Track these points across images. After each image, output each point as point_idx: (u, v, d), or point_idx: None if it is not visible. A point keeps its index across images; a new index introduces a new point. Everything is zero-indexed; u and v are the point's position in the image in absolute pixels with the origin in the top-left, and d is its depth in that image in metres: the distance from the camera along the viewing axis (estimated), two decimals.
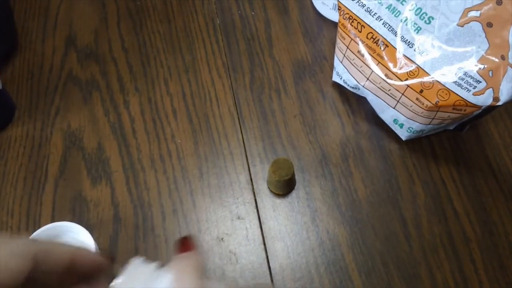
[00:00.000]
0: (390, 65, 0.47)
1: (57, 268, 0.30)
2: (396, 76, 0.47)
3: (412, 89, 0.46)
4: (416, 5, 0.46)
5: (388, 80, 0.48)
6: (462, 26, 0.44)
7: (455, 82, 0.44)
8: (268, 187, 0.49)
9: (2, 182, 0.50)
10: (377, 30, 0.48)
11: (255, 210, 0.48)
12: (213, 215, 0.48)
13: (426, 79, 0.45)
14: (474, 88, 0.43)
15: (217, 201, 0.49)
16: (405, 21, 0.47)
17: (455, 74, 0.44)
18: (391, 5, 0.47)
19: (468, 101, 0.44)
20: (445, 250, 0.46)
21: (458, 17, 0.44)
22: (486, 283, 0.44)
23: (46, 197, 0.49)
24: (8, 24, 0.59)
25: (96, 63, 0.58)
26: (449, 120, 0.47)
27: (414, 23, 0.46)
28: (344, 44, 0.51)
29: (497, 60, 0.42)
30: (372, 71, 0.49)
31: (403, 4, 0.47)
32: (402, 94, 0.47)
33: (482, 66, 0.43)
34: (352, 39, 0.50)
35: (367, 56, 0.49)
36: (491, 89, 0.43)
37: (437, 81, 0.45)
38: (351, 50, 0.50)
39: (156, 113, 0.54)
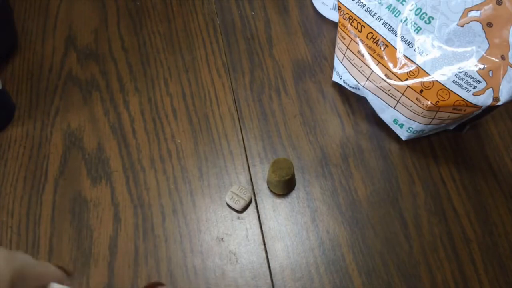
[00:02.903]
0: (390, 65, 0.47)
1: None
2: (396, 76, 0.47)
3: (412, 89, 0.46)
4: (416, 5, 0.46)
5: (388, 80, 0.48)
6: (462, 26, 0.44)
7: (455, 82, 0.44)
8: (268, 187, 0.49)
9: (2, 182, 0.50)
10: (377, 30, 0.48)
11: (255, 210, 0.48)
12: (213, 215, 0.48)
13: (426, 79, 0.45)
14: (474, 88, 0.43)
15: (217, 201, 0.49)
16: (405, 21, 0.47)
17: (455, 74, 0.44)
18: (391, 5, 0.47)
19: (468, 101, 0.44)
20: (445, 250, 0.46)
21: (458, 17, 0.44)
22: (486, 283, 0.44)
23: (46, 197, 0.49)
24: (7, 24, 0.58)
25: (96, 63, 0.58)
26: (449, 120, 0.47)
27: (414, 23, 0.46)
28: (344, 44, 0.51)
29: (497, 60, 0.42)
30: (372, 71, 0.49)
31: (403, 4, 0.47)
32: (402, 94, 0.47)
33: (482, 66, 0.43)
34: (352, 39, 0.50)
35: (367, 56, 0.49)
36: (491, 89, 0.43)
37: (437, 81, 0.45)
38: (351, 50, 0.50)
39: (156, 113, 0.54)
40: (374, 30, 0.48)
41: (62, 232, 0.47)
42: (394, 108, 0.49)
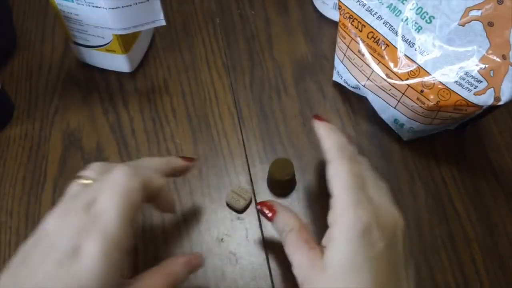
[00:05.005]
0: (391, 64, 0.47)
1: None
2: (397, 75, 0.47)
3: (413, 88, 0.46)
4: (417, 5, 0.46)
5: (389, 80, 0.47)
6: (463, 26, 0.44)
7: (456, 81, 0.44)
8: (268, 188, 0.49)
9: (1, 182, 0.50)
10: (377, 29, 0.48)
11: (255, 211, 0.48)
12: (213, 215, 0.48)
13: (427, 78, 0.45)
14: (475, 88, 0.43)
15: (217, 201, 0.49)
16: (405, 20, 0.47)
17: (456, 73, 0.44)
18: (391, 4, 0.47)
19: (469, 101, 0.43)
20: (446, 250, 0.46)
21: (459, 17, 0.44)
22: (487, 284, 0.44)
23: (45, 197, 0.49)
24: (7, 24, 0.58)
25: None
26: (450, 120, 0.47)
27: (415, 23, 0.46)
28: (345, 44, 0.51)
29: (498, 59, 0.42)
30: (373, 70, 0.49)
31: (403, 4, 0.47)
32: (403, 94, 0.47)
33: (483, 66, 0.43)
34: (352, 38, 0.50)
35: (368, 56, 0.49)
36: (492, 89, 0.43)
37: (438, 80, 0.45)
38: (351, 50, 0.50)
39: (155, 113, 0.54)
40: (375, 29, 0.48)
41: None
42: (394, 108, 0.49)
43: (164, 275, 0.36)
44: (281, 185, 0.47)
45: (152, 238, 0.47)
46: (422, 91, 0.45)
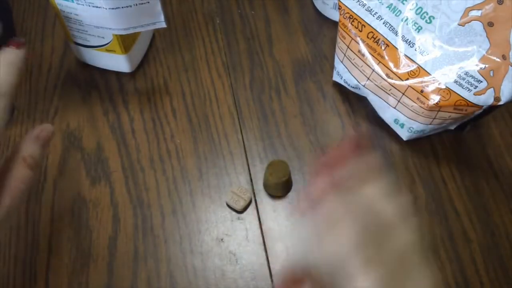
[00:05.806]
0: (391, 64, 0.47)
1: None
2: (397, 75, 0.47)
3: (413, 88, 0.46)
4: (416, 5, 0.46)
5: (389, 80, 0.47)
6: (463, 26, 0.44)
7: (456, 81, 0.44)
8: (266, 191, 0.49)
9: None
10: (377, 29, 0.48)
11: (255, 211, 0.48)
12: (213, 215, 0.48)
13: (427, 78, 0.45)
14: (475, 88, 0.43)
15: (217, 201, 0.49)
16: (405, 20, 0.47)
17: (456, 73, 0.44)
18: (391, 4, 0.47)
19: (469, 101, 0.43)
20: (446, 250, 0.46)
21: (459, 17, 0.44)
22: (487, 284, 0.44)
23: (45, 197, 0.49)
24: (7, 24, 0.58)
25: None
26: (450, 120, 0.47)
27: (415, 23, 0.46)
28: (345, 44, 0.51)
29: (498, 59, 0.42)
30: (373, 70, 0.48)
31: (403, 4, 0.47)
32: (403, 94, 0.47)
33: (483, 66, 0.43)
34: (352, 38, 0.50)
35: (368, 56, 0.49)
36: (492, 89, 0.43)
37: (438, 81, 0.45)
38: (351, 50, 0.50)
39: (156, 113, 0.54)
40: (375, 29, 0.48)
41: (61, 233, 0.47)
42: (395, 108, 0.49)
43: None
44: (279, 186, 0.47)
45: (152, 238, 0.47)
46: (422, 91, 0.45)
